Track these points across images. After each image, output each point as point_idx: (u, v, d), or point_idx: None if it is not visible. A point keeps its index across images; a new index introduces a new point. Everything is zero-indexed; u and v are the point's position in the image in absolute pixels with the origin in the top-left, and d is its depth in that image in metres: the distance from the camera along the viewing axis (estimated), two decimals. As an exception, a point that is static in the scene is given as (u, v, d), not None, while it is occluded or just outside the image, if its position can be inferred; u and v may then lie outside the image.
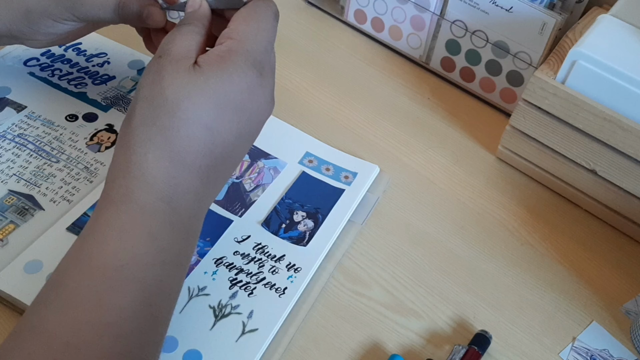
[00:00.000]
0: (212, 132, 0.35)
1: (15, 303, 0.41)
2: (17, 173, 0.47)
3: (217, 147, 0.35)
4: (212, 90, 0.34)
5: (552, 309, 0.48)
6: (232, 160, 0.38)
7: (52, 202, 0.45)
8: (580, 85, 0.48)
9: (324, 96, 0.61)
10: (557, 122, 0.50)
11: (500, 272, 0.49)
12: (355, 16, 0.68)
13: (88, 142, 0.50)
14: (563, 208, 0.55)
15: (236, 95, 0.35)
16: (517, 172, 0.57)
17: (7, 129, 0.49)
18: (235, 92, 0.35)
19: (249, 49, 0.36)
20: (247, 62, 0.36)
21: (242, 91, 0.35)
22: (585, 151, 0.50)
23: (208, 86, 0.34)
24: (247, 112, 0.36)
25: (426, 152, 0.58)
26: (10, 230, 0.43)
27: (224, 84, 0.35)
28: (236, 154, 0.37)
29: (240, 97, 0.35)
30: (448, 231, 0.51)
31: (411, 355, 0.44)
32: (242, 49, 0.36)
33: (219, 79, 0.35)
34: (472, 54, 0.61)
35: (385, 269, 0.48)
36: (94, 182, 0.47)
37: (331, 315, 0.45)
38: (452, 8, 0.59)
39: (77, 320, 0.31)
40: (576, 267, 0.51)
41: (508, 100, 0.62)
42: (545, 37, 0.55)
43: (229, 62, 0.35)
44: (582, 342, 0.46)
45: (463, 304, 0.47)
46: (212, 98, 0.34)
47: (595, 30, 0.49)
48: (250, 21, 0.37)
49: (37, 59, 0.56)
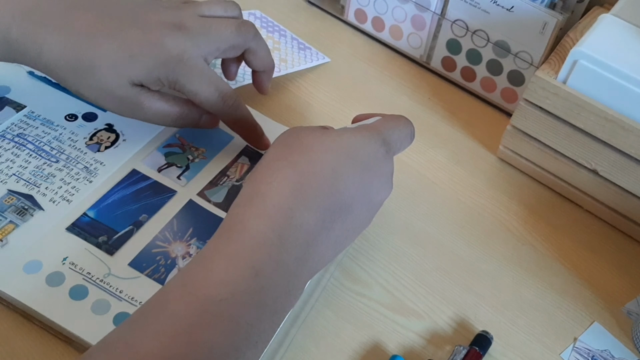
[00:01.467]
0: (336, 175, 0.36)
1: (14, 303, 0.40)
2: (17, 173, 0.47)
3: (339, 191, 0.36)
4: (343, 143, 0.37)
5: (553, 309, 0.48)
6: (349, 217, 0.37)
7: (52, 202, 0.45)
8: (582, 85, 0.48)
9: (324, 96, 0.61)
10: (558, 122, 0.50)
11: (501, 272, 0.49)
12: (356, 16, 0.68)
13: (88, 142, 0.50)
14: (564, 208, 0.55)
15: (363, 155, 0.38)
16: (518, 172, 0.57)
17: (6, 128, 0.49)
18: (363, 152, 0.38)
19: (382, 129, 0.40)
20: (378, 136, 0.39)
21: (369, 154, 0.38)
22: (587, 151, 0.50)
23: (340, 139, 0.37)
24: (371, 174, 0.38)
25: (427, 151, 0.57)
26: (9, 230, 0.43)
27: (355, 142, 0.38)
28: (355, 210, 0.38)
29: (367, 158, 0.38)
30: (449, 231, 0.51)
31: (412, 356, 0.43)
32: (380, 130, 0.40)
33: (351, 137, 0.38)
34: (473, 53, 0.61)
35: (385, 269, 0.48)
36: (93, 182, 0.47)
37: (331, 315, 0.45)
38: (452, 7, 0.59)
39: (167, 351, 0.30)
40: (577, 267, 0.51)
41: (509, 100, 0.61)
42: (546, 37, 0.55)
43: (361, 130, 0.39)
44: (584, 342, 0.46)
45: (464, 304, 0.47)
46: (342, 148, 0.37)
47: (597, 29, 0.49)
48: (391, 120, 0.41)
49: (36, 59, 0.55)
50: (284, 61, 0.62)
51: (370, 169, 0.38)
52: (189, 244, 0.45)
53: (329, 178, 0.36)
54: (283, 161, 0.36)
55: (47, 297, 0.40)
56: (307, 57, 0.63)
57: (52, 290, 0.40)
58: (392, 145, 0.40)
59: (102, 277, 0.42)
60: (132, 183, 0.47)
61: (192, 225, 0.46)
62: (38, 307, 0.39)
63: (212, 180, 0.49)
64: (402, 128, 0.41)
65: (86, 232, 0.44)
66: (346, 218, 0.37)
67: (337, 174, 0.36)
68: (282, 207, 0.34)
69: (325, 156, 0.36)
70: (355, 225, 0.39)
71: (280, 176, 0.35)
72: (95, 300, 0.40)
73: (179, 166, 0.49)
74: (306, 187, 0.35)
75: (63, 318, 0.39)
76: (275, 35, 0.65)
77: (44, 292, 0.40)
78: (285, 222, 0.34)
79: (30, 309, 0.40)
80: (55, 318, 0.39)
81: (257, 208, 0.34)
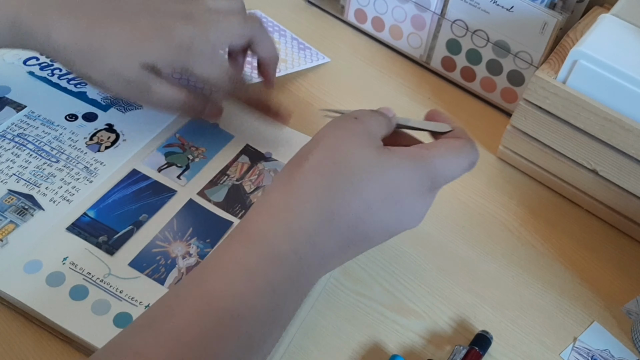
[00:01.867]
0: (368, 210, 0.35)
1: (14, 303, 0.40)
2: (17, 173, 0.47)
3: (365, 225, 0.35)
4: (388, 176, 0.35)
5: (553, 309, 0.48)
6: (367, 244, 0.37)
7: (52, 202, 0.45)
8: (581, 85, 0.48)
9: (324, 96, 0.61)
10: (558, 122, 0.50)
11: (501, 272, 0.49)
12: (356, 15, 0.68)
13: (88, 142, 0.50)
14: (564, 208, 0.55)
15: (404, 190, 0.36)
16: (518, 171, 0.57)
17: (6, 128, 0.49)
18: (405, 187, 0.36)
19: (437, 166, 0.37)
20: (428, 173, 0.37)
21: (411, 191, 0.36)
22: (586, 151, 0.50)
23: (387, 170, 0.35)
24: (404, 211, 0.37)
25: (427, 151, 0.57)
26: (9, 230, 0.43)
27: (401, 175, 0.36)
28: (374, 241, 0.37)
29: (406, 194, 0.36)
30: (449, 231, 0.51)
31: (412, 356, 0.43)
32: (432, 162, 0.37)
33: (399, 169, 0.36)
34: (473, 53, 0.61)
35: (385, 269, 0.48)
36: (93, 182, 0.47)
37: (331, 315, 0.45)
38: (452, 7, 0.59)
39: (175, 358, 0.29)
40: (577, 267, 0.51)
41: (509, 100, 0.62)
42: (546, 37, 0.55)
43: (415, 162, 0.36)
44: (583, 342, 0.46)
45: (464, 304, 0.47)
46: (384, 182, 0.35)
47: (597, 29, 0.49)
48: (451, 150, 0.38)
49: (36, 58, 0.55)
50: (284, 61, 0.62)
51: (405, 207, 0.37)
52: (189, 243, 0.45)
53: (359, 210, 0.35)
54: (322, 179, 0.34)
55: (47, 297, 0.40)
56: (307, 57, 0.63)
57: (52, 290, 0.40)
58: (440, 181, 0.38)
59: (102, 277, 0.42)
60: (132, 183, 0.47)
61: (192, 225, 0.46)
62: (38, 307, 0.39)
63: (212, 180, 0.49)
64: (461, 160, 0.38)
65: (86, 232, 0.44)
66: (362, 245, 0.37)
67: (369, 209, 0.35)
68: (308, 231, 0.34)
69: (362, 186, 0.35)
70: (368, 248, 0.38)
71: (314, 198, 0.34)
72: (95, 300, 0.41)
73: (179, 166, 0.49)
74: (337, 219, 0.34)
75: (63, 318, 0.39)
76: (275, 35, 0.65)
77: (44, 292, 0.40)
78: (308, 245, 0.34)
79: (30, 309, 0.40)
80: (55, 318, 0.39)
81: (282, 224, 0.34)
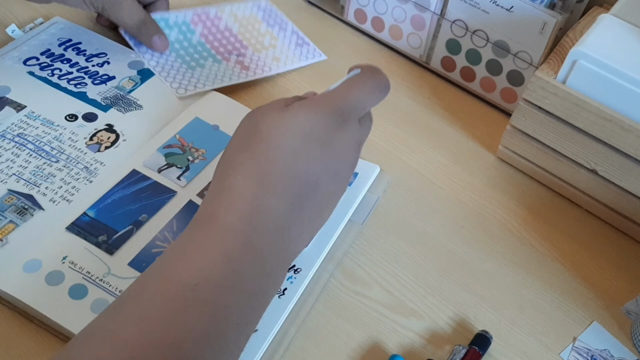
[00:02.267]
0: (296, 157, 0.37)
1: (14, 302, 0.41)
2: (17, 173, 0.47)
3: (303, 172, 0.37)
4: (298, 122, 0.37)
5: (552, 309, 0.48)
6: (318, 196, 0.38)
7: (52, 201, 0.45)
8: (581, 85, 0.48)
9: (324, 96, 0.61)
10: (558, 122, 0.50)
11: (501, 271, 0.49)
12: (356, 16, 0.68)
13: (88, 142, 0.50)
14: (563, 208, 0.55)
15: (320, 129, 0.38)
16: (518, 171, 0.57)
17: (6, 128, 0.49)
18: (320, 126, 0.38)
19: (338, 98, 0.39)
20: (330, 108, 0.39)
21: (326, 127, 0.38)
22: (586, 151, 0.50)
23: (296, 118, 0.37)
24: (331, 147, 0.38)
25: (426, 151, 0.57)
26: (9, 230, 0.43)
27: (310, 117, 0.38)
28: (323, 188, 0.38)
29: (324, 131, 0.38)
30: (448, 231, 0.51)
31: (411, 356, 0.43)
32: (332, 97, 0.39)
33: (304, 114, 0.38)
34: (473, 53, 0.61)
35: (385, 269, 0.48)
36: (93, 182, 0.47)
37: (331, 315, 0.45)
38: (452, 7, 0.59)
39: (146, 336, 0.31)
40: (577, 267, 0.51)
41: (508, 100, 0.62)
42: (545, 37, 0.55)
43: (316, 102, 0.39)
44: (583, 342, 0.46)
45: (463, 304, 0.47)
46: (298, 128, 0.37)
47: (596, 29, 0.49)
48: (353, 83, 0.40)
49: (36, 58, 0.56)
50: (277, 60, 0.62)
51: (328, 143, 0.38)
52: (189, 243, 0.45)
53: (289, 162, 0.37)
54: (244, 153, 0.37)
55: (47, 296, 0.40)
56: (302, 55, 0.63)
57: (51, 289, 0.41)
58: (351, 110, 0.40)
59: (101, 276, 0.42)
60: (132, 183, 0.47)
61: (192, 225, 0.46)
62: (38, 306, 0.39)
63: (212, 180, 0.49)
64: (364, 87, 0.40)
65: (86, 231, 0.44)
66: (315, 196, 0.38)
67: (297, 155, 0.37)
68: (248, 198, 0.36)
69: (283, 141, 0.37)
70: (327, 199, 0.40)
71: (243, 168, 0.36)
72: (94, 299, 0.41)
73: (179, 167, 0.49)
74: (269, 175, 0.36)
75: (62, 317, 0.39)
76: (274, 29, 0.65)
77: (44, 291, 0.40)
78: (253, 210, 0.35)
79: (29, 308, 0.40)
80: (54, 317, 0.39)
81: (225, 201, 0.36)
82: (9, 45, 0.56)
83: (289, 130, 0.37)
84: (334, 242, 0.48)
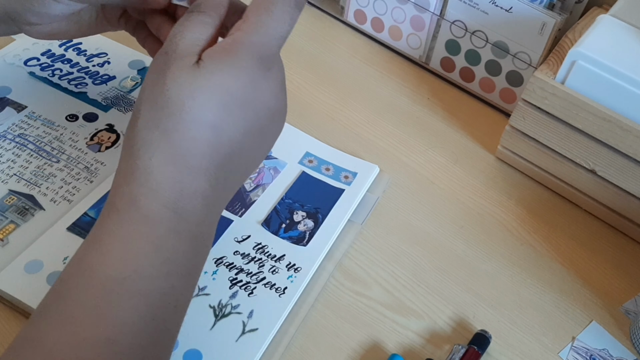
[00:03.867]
0: (217, 131, 0.33)
1: (15, 303, 0.41)
2: (18, 173, 0.47)
3: (224, 146, 0.33)
4: (215, 88, 0.33)
5: (551, 308, 0.48)
6: (243, 159, 0.36)
7: (53, 202, 0.46)
8: (580, 86, 0.48)
9: (323, 96, 0.61)
10: (557, 122, 0.50)
11: (500, 271, 0.50)
12: (355, 16, 0.68)
13: (88, 142, 0.50)
14: (563, 208, 0.55)
15: (240, 90, 0.33)
16: (517, 172, 0.57)
17: (7, 128, 0.49)
18: (238, 87, 0.33)
19: (255, 40, 0.34)
20: (251, 55, 0.34)
21: (245, 85, 0.34)
22: (585, 151, 0.50)
23: (211, 83, 0.33)
24: (253, 107, 0.34)
25: (426, 152, 0.58)
26: (10, 230, 0.43)
27: (227, 79, 0.33)
28: (247, 151, 0.35)
29: (244, 92, 0.34)
30: (448, 231, 0.52)
31: (411, 355, 0.44)
32: (248, 41, 0.34)
33: (221, 75, 0.33)
34: (472, 54, 0.61)
35: (385, 269, 0.48)
36: (94, 182, 0.47)
37: (331, 315, 0.45)
38: (451, 8, 0.59)
39: (75, 336, 0.29)
40: (576, 266, 0.51)
41: (508, 101, 0.62)
42: (544, 38, 0.55)
43: (232, 56, 0.33)
44: (582, 341, 0.46)
45: (463, 304, 0.47)
46: (215, 96, 0.33)
47: (595, 30, 0.49)
48: (262, 10, 0.35)
49: (37, 59, 0.56)
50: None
51: (251, 103, 0.34)
52: (189, 243, 0.45)
53: (209, 137, 0.33)
54: (154, 131, 0.32)
55: (48, 297, 0.40)
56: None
57: (53, 289, 0.41)
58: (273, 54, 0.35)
59: (102, 276, 0.42)
60: (133, 183, 0.48)
61: (192, 225, 0.46)
62: (39, 307, 0.40)
63: (212, 180, 0.49)
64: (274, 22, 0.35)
65: (87, 231, 0.44)
66: (240, 159, 0.35)
67: (216, 129, 0.33)
68: (168, 182, 0.32)
69: (199, 114, 0.32)
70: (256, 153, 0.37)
71: (156, 150, 0.32)
72: (95, 299, 0.41)
73: (179, 166, 0.50)
74: (188, 156, 0.32)
75: (64, 317, 0.39)
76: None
77: (45, 292, 0.40)
78: (176, 194, 0.32)
79: (31, 309, 0.40)
80: (56, 317, 0.39)
81: (142, 186, 0.32)
82: (9, 46, 0.57)
83: (205, 102, 0.32)
84: (333, 242, 0.48)
